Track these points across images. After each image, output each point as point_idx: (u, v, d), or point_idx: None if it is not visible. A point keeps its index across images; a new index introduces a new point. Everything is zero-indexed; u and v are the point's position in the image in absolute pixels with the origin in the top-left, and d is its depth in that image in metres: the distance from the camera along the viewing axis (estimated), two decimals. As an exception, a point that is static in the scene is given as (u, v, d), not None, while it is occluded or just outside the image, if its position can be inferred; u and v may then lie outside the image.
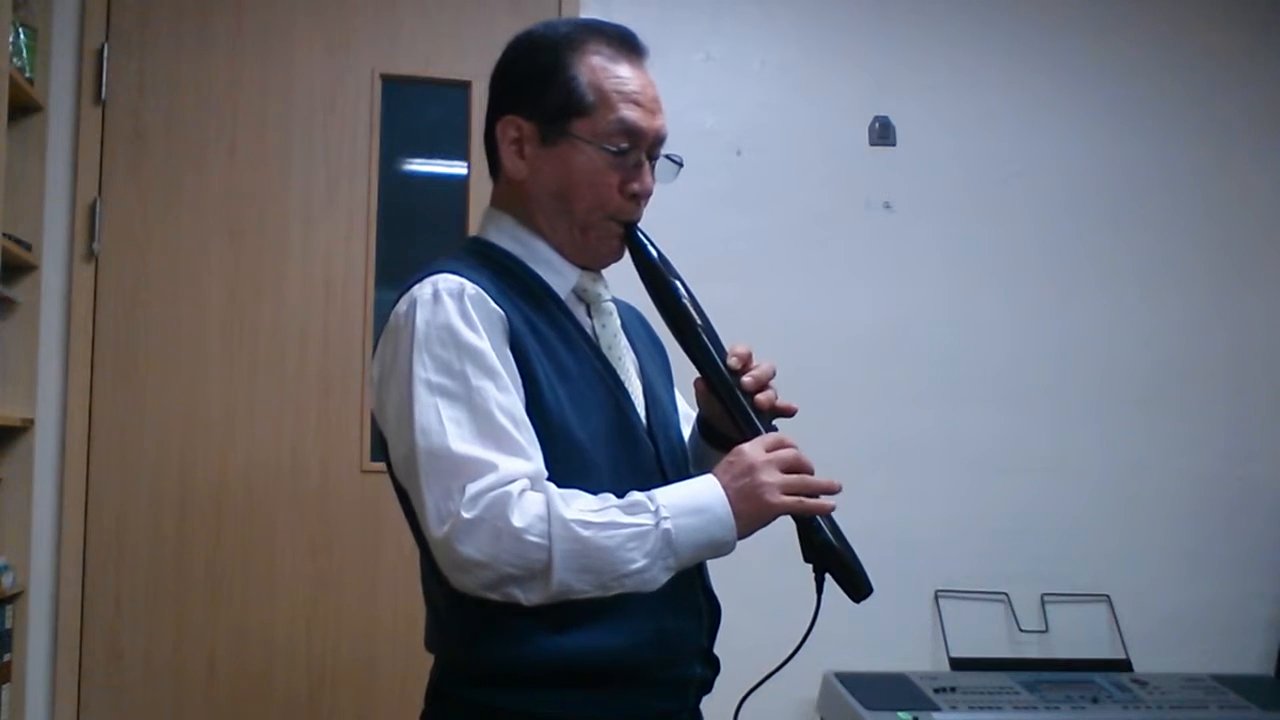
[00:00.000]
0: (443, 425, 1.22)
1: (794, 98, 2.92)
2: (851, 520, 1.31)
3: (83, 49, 2.56)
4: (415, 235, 2.75)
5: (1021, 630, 2.87)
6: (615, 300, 1.50)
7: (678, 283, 1.39)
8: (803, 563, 1.29)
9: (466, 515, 1.18)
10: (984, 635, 2.84)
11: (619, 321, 1.45)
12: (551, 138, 1.37)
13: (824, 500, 1.27)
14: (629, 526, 1.20)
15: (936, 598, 2.84)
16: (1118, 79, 3.07)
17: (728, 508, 1.23)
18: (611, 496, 1.24)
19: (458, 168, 2.78)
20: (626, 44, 1.40)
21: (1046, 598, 2.89)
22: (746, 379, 1.34)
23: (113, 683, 2.49)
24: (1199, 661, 2.88)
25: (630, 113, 1.35)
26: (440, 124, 2.81)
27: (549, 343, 1.33)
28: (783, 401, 1.36)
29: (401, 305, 1.31)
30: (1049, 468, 2.93)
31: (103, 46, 2.57)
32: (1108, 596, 2.92)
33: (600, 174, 1.36)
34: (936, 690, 2.56)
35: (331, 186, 2.67)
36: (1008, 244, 2.98)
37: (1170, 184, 3.07)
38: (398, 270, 2.70)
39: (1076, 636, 2.88)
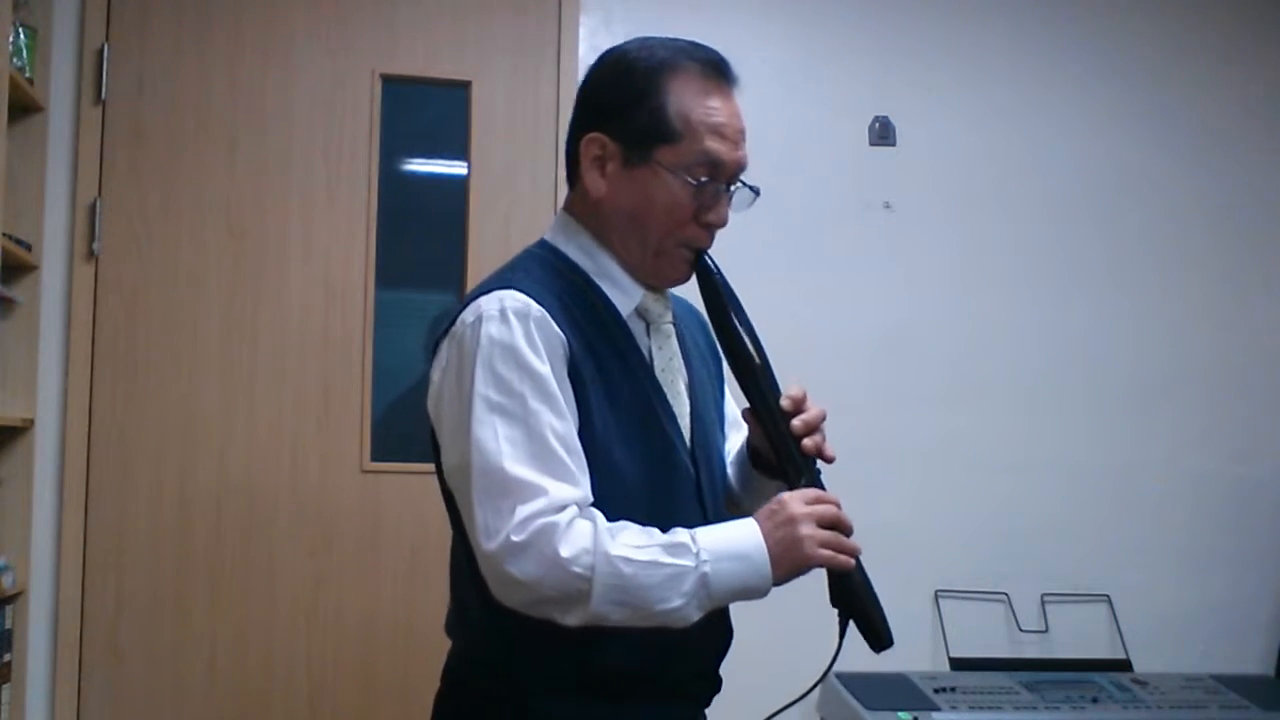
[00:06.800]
0: (499, 444, 1.25)
1: (794, 98, 2.92)
2: (852, 520, 1.31)
3: (83, 49, 2.56)
4: (415, 235, 2.75)
5: (1021, 630, 2.87)
6: (678, 300, 1.52)
7: (739, 314, 1.41)
8: (828, 602, 1.32)
9: (515, 539, 1.22)
10: (984, 635, 2.84)
11: (676, 342, 1.47)
12: (634, 161, 1.37)
13: (852, 561, 1.29)
14: (669, 567, 1.23)
15: (936, 598, 2.84)
16: (1118, 78, 3.07)
17: (765, 556, 1.26)
18: (656, 532, 1.26)
19: (458, 168, 2.77)
20: (719, 72, 1.41)
21: (1046, 598, 2.89)
22: (796, 423, 1.36)
23: (113, 683, 2.49)
24: (1199, 661, 2.88)
25: (715, 145, 1.37)
26: (440, 124, 2.81)
27: (605, 365, 1.36)
28: (827, 448, 1.38)
29: (468, 315, 1.33)
30: (1049, 468, 2.92)
31: (103, 46, 2.57)
32: (1108, 596, 2.92)
33: (678, 204, 1.37)
34: (936, 690, 2.56)
35: (331, 186, 2.67)
36: (1007, 244, 2.98)
37: (1170, 184, 3.07)
38: (398, 270, 2.71)
39: (1076, 636, 2.88)
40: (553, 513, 1.23)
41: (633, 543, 1.24)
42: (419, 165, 2.87)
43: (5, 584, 2.32)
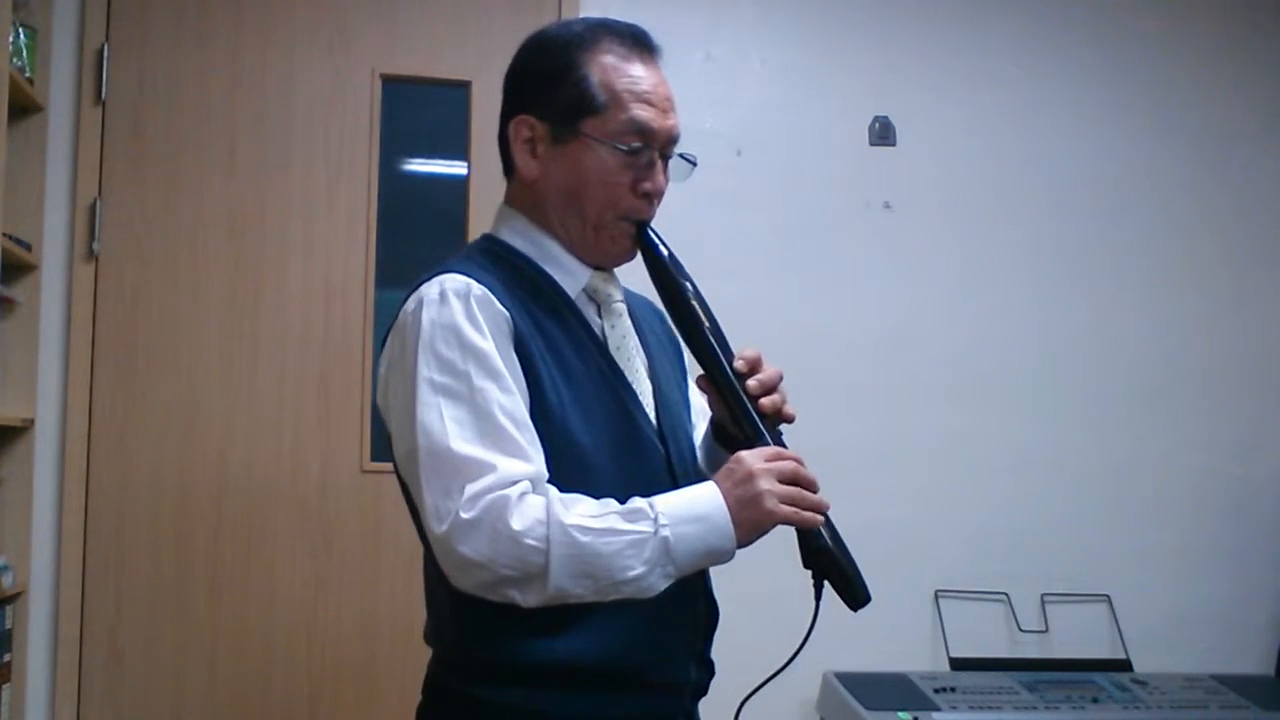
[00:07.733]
0: (444, 425, 1.22)
1: (794, 98, 2.92)
2: (852, 520, 1.31)
3: (83, 49, 2.56)
4: (415, 235, 2.75)
5: (1021, 630, 2.87)
6: (633, 295, 1.49)
7: (687, 283, 1.38)
8: (802, 568, 1.29)
9: (465, 516, 1.19)
10: (984, 635, 2.84)
11: (629, 321, 1.45)
12: (563, 137, 1.36)
13: (818, 516, 1.25)
14: (628, 534, 1.20)
15: (936, 598, 2.84)
16: (1118, 79, 3.07)
17: (727, 516, 1.22)
18: (613, 502, 1.23)
19: (458, 168, 2.78)
20: (639, 43, 1.40)
21: (1046, 598, 2.89)
22: (751, 382, 1.33)
23: (113, 683, 2.49)
24: (1199, 661, 2.88)
25: (642, 112, 1.35)
26: (440, 124, 2.81)
27: (555, 344, 1.33)
28: (787, 407, 1.35)
29: (410, 304, 1.31)
30: (1049, 468, 2.93)
31: (103, 46, 2.57)
32: (1108, 596, 2.92)
33: (611, 173, 1.35)
34: (936, 690, 2.56)
35: (331, 186, 2.67)
36: (1007, 244, 2.98)
37: (1170, 184, 3.07)
38: (398, 270, 2.70)
39: (1076, 636, 2.88)
40: (503, 488, 1.19)
41: (588, 512, 1.21)
42: (419, 165, 2.87)
43: (5, 584, 2.32)
